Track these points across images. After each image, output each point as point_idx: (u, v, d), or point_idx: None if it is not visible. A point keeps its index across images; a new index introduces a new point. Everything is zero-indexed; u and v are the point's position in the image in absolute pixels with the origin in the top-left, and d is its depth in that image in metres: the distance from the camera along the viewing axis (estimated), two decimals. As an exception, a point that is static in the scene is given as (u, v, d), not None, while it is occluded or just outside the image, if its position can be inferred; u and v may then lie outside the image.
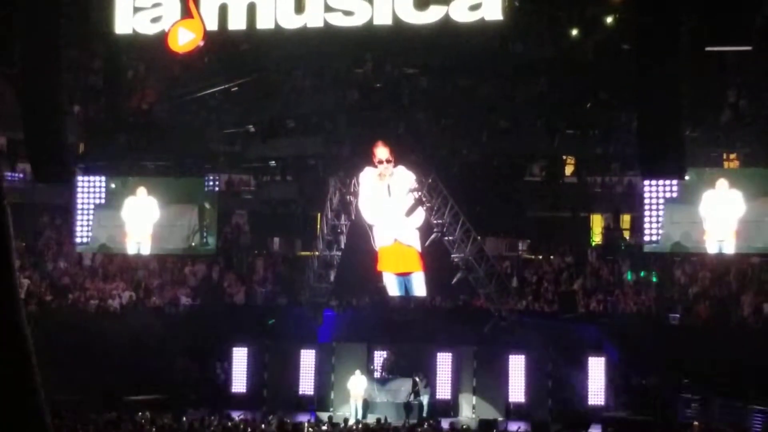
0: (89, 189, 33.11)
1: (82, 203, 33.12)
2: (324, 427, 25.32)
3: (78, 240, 33.45)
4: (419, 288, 31.89)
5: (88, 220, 33.12)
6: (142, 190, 32.93)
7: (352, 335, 31.77)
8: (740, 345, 28.24)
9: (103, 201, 33.16)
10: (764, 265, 30.92)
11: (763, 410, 26.63)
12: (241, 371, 32.25)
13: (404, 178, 30.76)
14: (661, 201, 29.48)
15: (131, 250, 33.23)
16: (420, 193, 29.75)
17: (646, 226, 29.80)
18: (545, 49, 29.36)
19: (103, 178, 33.19)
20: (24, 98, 27.78)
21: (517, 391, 30.66)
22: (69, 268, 34.94)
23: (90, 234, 33.23)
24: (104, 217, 33.08)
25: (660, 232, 29.55)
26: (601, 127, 30.62)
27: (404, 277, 31.85)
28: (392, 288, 32.06)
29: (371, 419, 28.21)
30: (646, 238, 30.00)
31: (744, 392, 27.30)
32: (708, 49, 24.77)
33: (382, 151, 30.93)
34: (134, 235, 32.94)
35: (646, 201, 29.69)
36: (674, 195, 29.22)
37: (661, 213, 29.44)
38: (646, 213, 29.71)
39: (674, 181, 28.79)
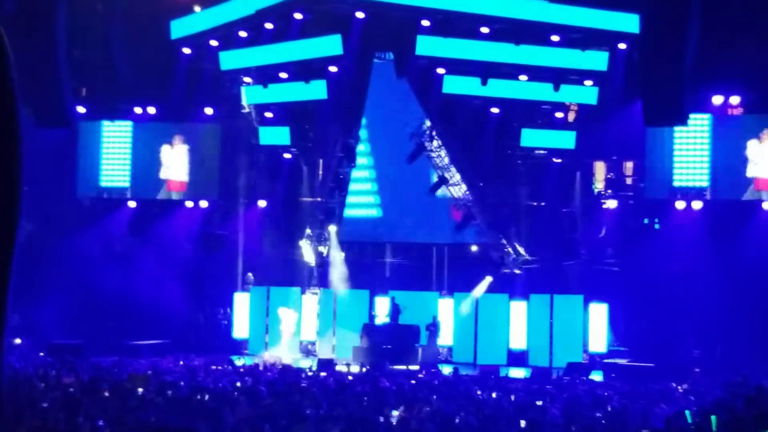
0: (93, 133, 33.18)
1: (83, 148, 33.21)
2: (323, 373, 25.37)
3: (79, 185, 33.49)
4: None
5: (90, 166, 33.27)
6: (143, 135, 32.95)
7: (354, 281, 31.76)
8: (743, 291, 28.23)
9: (101, 146, 33.22)
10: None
11: None
12: (243, 317, 32.28)
13: None
14: (666, 147, 29.40)
15: (132, 194, 33.22)
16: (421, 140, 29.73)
17: (649, 172, 29.74)
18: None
19: (111, 123, 33.23)
20: (21, 43, 27.55)
21: (518, 337, 30.68)
22: (69, 213, 34.78)
23: (90, 179, 33.31)
24: (103, 163, 33.15)
25: (662, 178, 29.49)
26: (603, 74, 30.37)
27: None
28: None
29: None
30: (649, 185, 29.95)
31: (746, 337, 27.32)
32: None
33: None
34: (136, 179, 32.98)
35: (649, 147, 29.60)
36: (678, 141, 29.15)
37: (665, 159, 29.37)
38: (649, 159, 29.64)
39: (678, 127, 28.66)
